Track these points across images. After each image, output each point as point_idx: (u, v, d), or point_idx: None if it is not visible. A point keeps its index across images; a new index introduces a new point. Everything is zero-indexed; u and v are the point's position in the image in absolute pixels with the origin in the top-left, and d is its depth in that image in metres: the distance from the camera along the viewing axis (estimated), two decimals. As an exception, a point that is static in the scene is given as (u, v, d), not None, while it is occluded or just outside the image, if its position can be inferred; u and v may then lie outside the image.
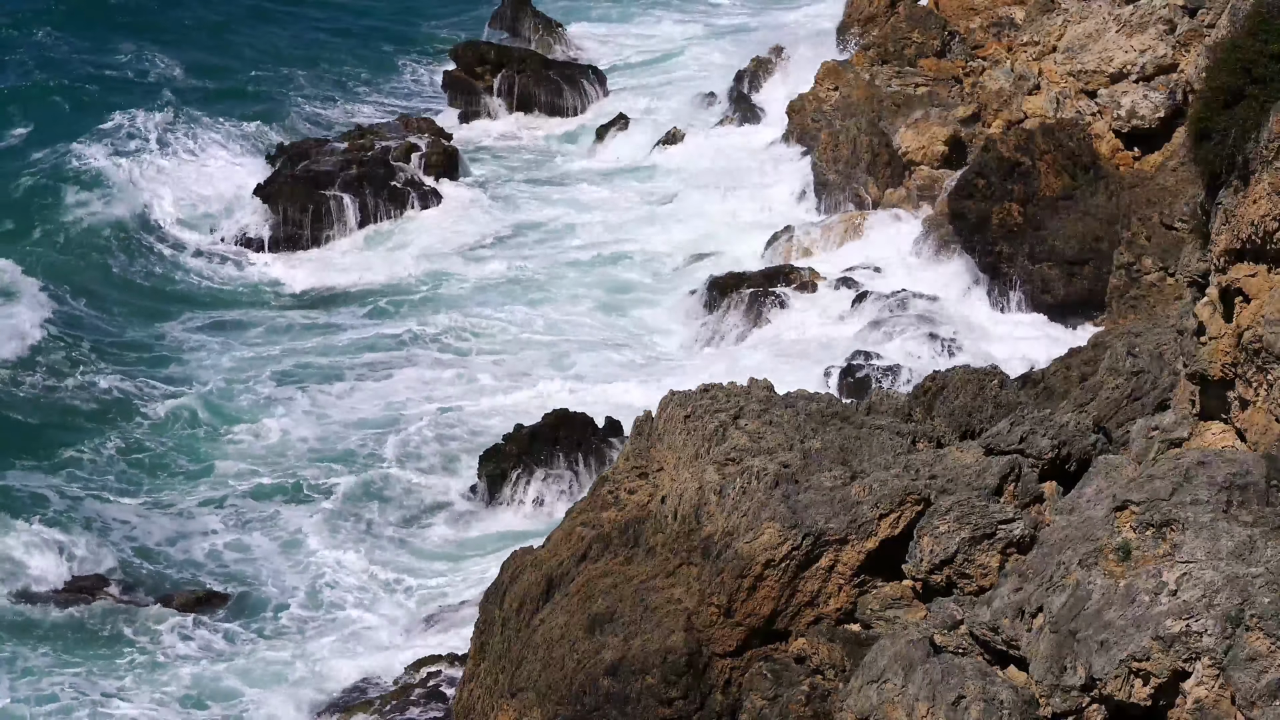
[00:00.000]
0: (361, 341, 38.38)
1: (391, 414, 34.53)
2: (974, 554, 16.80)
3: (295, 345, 38.24)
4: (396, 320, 39.63)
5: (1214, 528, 13.48)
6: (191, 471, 32.20)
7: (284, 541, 29.81)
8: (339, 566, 28.88)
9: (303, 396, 35.20)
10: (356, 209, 45.67)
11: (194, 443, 33.28)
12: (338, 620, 27.35)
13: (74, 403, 34.62)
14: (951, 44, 46.38)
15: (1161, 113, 37.99)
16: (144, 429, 33.72)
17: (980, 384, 21.03)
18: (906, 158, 41.80)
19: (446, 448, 33.02)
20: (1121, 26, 39.57)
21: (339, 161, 47.19)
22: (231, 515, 30.51)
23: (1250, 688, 12.63)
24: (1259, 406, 14.95)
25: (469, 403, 34.96)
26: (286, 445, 33.22)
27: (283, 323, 39.73)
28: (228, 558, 29.30)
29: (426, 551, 29.72)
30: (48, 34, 60.02)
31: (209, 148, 51.05)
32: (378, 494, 31.37)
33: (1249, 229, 14.81)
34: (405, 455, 32.73)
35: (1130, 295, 33.70)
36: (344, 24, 66.61)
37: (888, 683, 14.85)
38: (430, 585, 28.36)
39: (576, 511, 20.76)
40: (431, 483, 31.80)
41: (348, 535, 29.90)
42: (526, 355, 37.39)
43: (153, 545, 29.47)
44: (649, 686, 17.67)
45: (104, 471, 31.84)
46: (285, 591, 28.24)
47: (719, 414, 19.58)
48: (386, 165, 47.37)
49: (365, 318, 40.02)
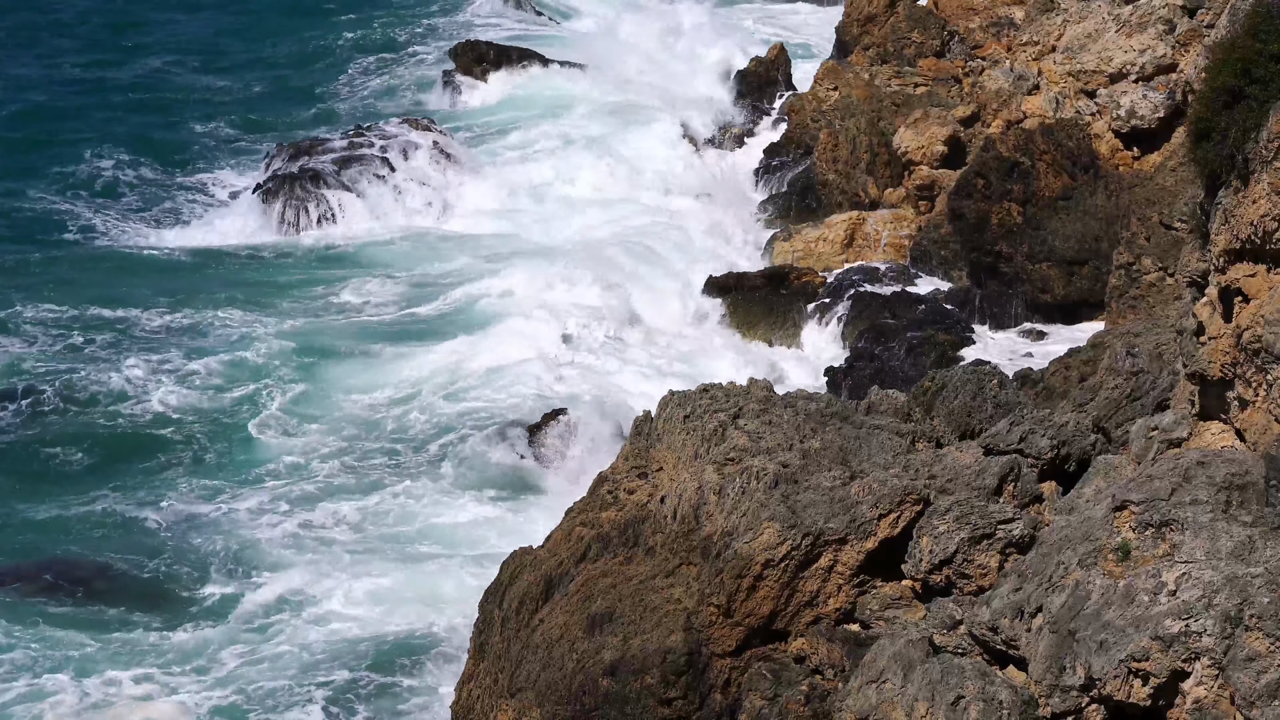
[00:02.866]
0: (369, 331, 38.43)
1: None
2: (973, 554, 16.80)
3: (295, 345, 38.26)
4: (397, 320, 39.65)
5: (1213, 528, 13.48)
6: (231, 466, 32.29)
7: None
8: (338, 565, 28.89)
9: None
10: (356, 206, 45.72)
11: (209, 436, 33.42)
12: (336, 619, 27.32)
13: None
14: (951, 44, 46.39)
15: (1161, 113, 38.00)
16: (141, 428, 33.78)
17: (980, 384, 21.02)
18: (906, 158, 41.80)
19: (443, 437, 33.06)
20: (1121, 26, 39.58)
21: (338, 159, 47.19)
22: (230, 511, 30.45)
23: (1249, 688, 12.63)
24: (1258, 406, 14.95)
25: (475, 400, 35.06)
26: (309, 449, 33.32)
27: (282, 322, 39.71)
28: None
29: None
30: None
31: (208, 147, 51.12)
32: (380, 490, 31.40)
33: (1248, 229, 14.81)
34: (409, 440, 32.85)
35: (1129, 295, 33.69)
36: (343, 23, 66.64)
37: (887, 683, 14.85)
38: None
39: (576, 511, 20.76)
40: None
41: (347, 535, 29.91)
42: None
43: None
44: (648, 686, 17.67)
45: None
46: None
47: (718, 414, 19.57)
48: (386, 163, 47.38)
49: (365, 319, 40.00)
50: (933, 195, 40.75)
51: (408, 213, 46.13)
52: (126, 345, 37.31)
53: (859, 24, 49.59)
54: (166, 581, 27.99)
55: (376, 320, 39.37)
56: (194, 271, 42.84)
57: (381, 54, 62.84)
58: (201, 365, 36.20)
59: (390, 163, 47.42)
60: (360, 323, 39.16)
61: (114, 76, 59.18)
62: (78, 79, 58.86)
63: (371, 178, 46.55)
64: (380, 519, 29.84)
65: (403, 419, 33.77)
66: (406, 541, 29.08)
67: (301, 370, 35.95)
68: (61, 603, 27.18)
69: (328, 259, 43.79)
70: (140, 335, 38.11)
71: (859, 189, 42.29)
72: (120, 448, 32.81)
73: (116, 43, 62.69)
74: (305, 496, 30.68)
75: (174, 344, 37.54)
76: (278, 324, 38.79)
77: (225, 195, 47.34)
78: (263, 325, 39.02)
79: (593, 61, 58.01)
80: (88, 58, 61.39)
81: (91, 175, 48.44)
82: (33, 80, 58.41)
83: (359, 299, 40.61)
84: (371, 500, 30.45)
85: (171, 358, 36.73)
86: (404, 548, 28.81)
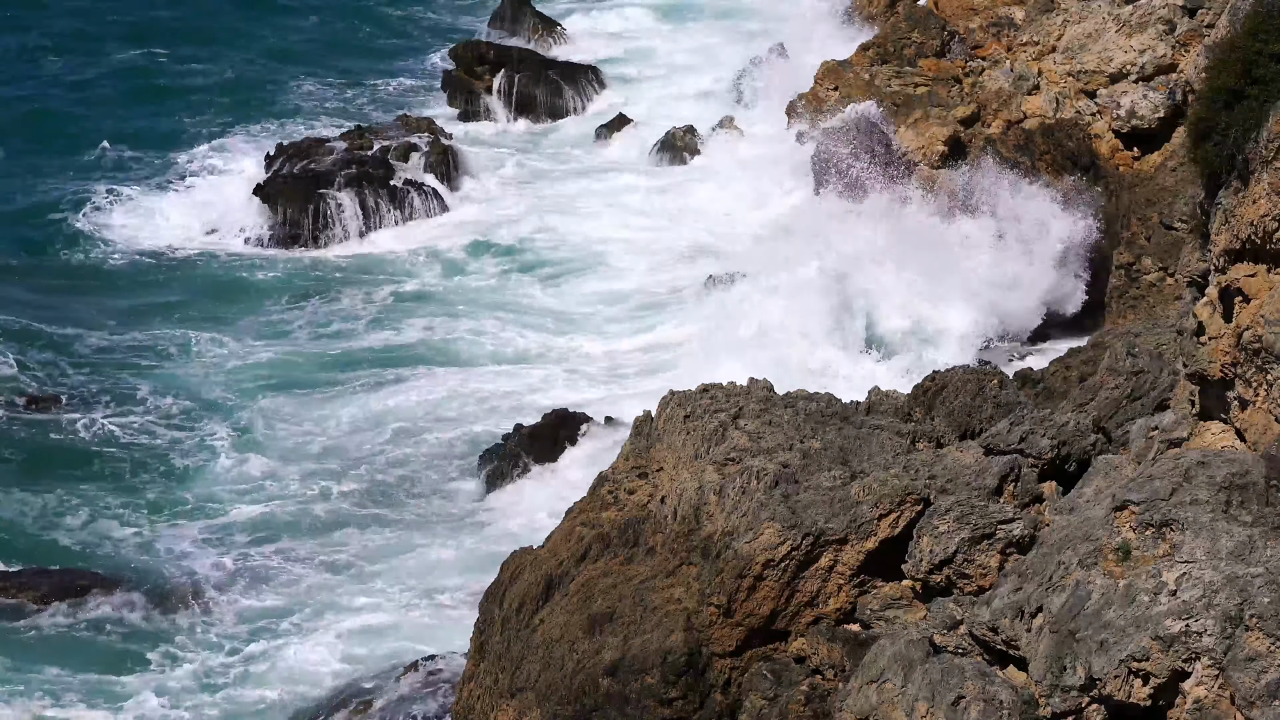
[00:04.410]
0: (363, 344, 38.31)
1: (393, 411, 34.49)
2: (973, 554, 16.80)
3: (294, 345, 38.26)
4: (398, 320, 39.65)
5: (1214, 528, 13.49)
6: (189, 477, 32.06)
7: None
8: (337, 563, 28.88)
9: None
10: (356, 209, 45.67)
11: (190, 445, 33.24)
12: (335, 618, 27.32)
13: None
14: (951, 44, 46.34)
15: (1161, 113, 37.98)
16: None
17: (980, 384, 21.03)
18: (906, 158, 41.77)
19: (451, 449, 32.93)
20: (1121, 26, 39.57)
21: (338, 161, 47.17)
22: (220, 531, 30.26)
23: (1250, 688, 12.63)
24: (1259, 406, 14.95)
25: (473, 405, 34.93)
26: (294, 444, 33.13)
27: (284, 321, 39.72)
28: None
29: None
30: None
31: (208, 147, 51.10)
32: (378, 492, 31.34)
33: (1248, 229, 14.81)
34: (407, 453, 32.66)
35: (1130, 295, 33.70)
36: (343, 23, 66.60)
37: (887, 683, 14.85)
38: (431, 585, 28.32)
39: (576, 511, 20.77)
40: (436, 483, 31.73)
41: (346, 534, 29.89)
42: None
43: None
44: (648, 686, 17.68)
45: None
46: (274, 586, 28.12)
47: (719, 414, 19.58)
48: (386, 165, 47.37)
49: (367, 316, 39.98)
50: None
51: (408, 215, 46.06)
52: (83, 355, 37.12)
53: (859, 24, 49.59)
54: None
55: (375, 327, 39.34)
56: (192, 270, 42.87)
57: (382, 54, 62.79)
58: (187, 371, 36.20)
59: (391, 164, 47.40)
60: (351, 333, 39.06)
61: (104, 69, 59.08)
62: (66, 73, 58.76)
63: (372, 179, 46.50)
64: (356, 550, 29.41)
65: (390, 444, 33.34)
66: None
67: (278, 387, 35.80)
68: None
69: (328, 262, 43.77)
70: (90, 349, 37.70)
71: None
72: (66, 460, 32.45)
73: (111, 36, 62.58)
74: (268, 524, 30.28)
75: (140, 358, 37.34)
76: (275, 327, 38.82)
77: (226, 196, 47.23)
78: (261, 326, 39.07)
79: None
80: (83, 50, 61.29)
81: (86, 166, 48.53)
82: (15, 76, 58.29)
83: (357, 307, 40.52)
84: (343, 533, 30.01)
85: (166, 359, 36.70)
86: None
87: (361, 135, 49.29)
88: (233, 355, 37.34)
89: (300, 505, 30.82)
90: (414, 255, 43.78)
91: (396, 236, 45.15)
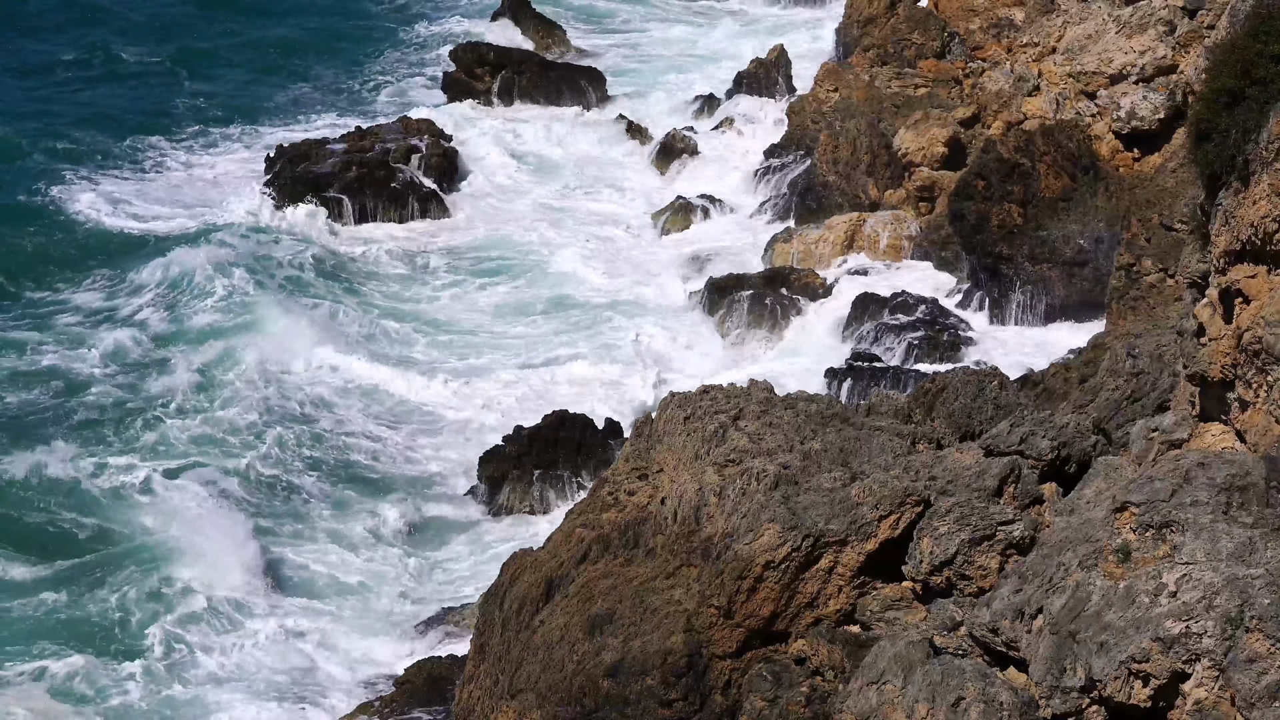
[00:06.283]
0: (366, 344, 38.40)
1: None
2: (974, 555, 16.79)
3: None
4: (401, 320, 39.67)
5: (1214, 529, 13.48)
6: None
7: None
8: (341, 565, 28.90)
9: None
10: (356, 210, 45.69)
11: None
12: (335, 619, 27.33)
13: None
14: (951, 45, 46.38)
15: (1161, 114, 37.98)
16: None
17: (980, 385, 21.02)
18: (906, 159, 41.80)
19: (440, 453, 33.00)
20: (1121, 28, 39.57)
21: (339, 163, 47.17)
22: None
23: (1250, 689, 12.62)
24: (1259, 408, 14.94)
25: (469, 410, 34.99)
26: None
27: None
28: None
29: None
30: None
31: (208, 148, 51.12)
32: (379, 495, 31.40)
33: (1249, 230, 14.80)
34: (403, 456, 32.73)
35: (1130, 296, 33.69)
36: (343, 24, 66.63)
37: (887, 684, 14.84)
38: (431, 585, 28.35)
39: (576, 513, 20.76)
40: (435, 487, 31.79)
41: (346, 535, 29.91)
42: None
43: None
44: (649, 688, 17.67)
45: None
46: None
47: (719, 415, 19.57)
48: (386, 167, 47.36)
49: (368, 318, 40.02)
50: (933, 197, 40.75)
51: (406, 218, 46.08)
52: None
53: (859, 25, 49.60)
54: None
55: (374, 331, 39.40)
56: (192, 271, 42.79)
57: (382, 54, 62.79)
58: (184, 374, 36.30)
59: (391, 166, 47.40)
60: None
61: (105, 69, 59.10)
62: (67, 73, 58.80)
63: (371, 181, 46.51)
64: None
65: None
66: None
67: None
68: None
69: (328, 264, 43.75)
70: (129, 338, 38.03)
71: (859, 190, 42.30)
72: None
73: (111, 36, 62.61)
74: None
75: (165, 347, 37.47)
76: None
77: (224, 195, 47.23)
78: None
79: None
80: (83, 50, 61.33)
81: (87, 165, 48.57)
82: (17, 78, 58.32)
83: (356, 312, 40.50)
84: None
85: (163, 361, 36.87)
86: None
87: (362, 137, 49.30)
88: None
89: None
90: (413, 255, 43.77)
91: (396, 236, 45.16)
